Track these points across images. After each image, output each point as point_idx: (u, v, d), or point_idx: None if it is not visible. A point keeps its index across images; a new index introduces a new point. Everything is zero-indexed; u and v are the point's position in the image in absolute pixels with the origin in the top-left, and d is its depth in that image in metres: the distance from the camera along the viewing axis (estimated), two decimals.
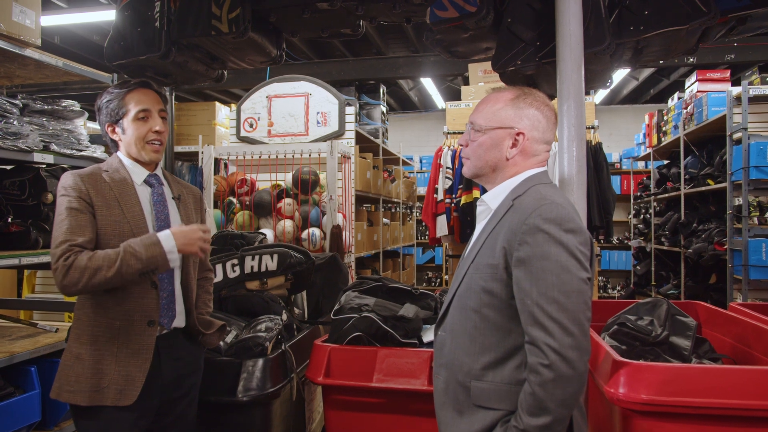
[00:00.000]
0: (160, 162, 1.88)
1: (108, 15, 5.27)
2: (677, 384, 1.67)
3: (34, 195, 3.13)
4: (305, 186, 4.04)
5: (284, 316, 2.26)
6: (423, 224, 9.44)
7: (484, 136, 1.39)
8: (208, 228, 1.74)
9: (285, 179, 4.22)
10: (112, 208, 1.70)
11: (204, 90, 9.17)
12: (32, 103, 3.11)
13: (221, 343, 2.07)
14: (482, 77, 5.23)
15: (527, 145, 1.38)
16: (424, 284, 9.77)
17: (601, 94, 9.82)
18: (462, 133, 4.73)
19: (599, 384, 1.82)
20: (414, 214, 8.83)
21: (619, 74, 8.40)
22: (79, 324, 1.72)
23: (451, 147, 4.52)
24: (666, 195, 6.04)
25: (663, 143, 6.18)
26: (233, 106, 5.28)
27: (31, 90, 4.39)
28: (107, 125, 1.80)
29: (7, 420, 2.66)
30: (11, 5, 2.83)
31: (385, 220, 6.42)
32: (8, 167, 3.26)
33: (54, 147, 3.14)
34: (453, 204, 4.35)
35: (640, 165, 8.24)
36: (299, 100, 4.79)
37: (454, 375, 1.37)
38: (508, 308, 1.30)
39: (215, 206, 4.32)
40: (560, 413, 1.20)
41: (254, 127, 4.84)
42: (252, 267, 2.41)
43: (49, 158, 3.12)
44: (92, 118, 4.49)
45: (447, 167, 4.41)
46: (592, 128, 4.31)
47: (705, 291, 5.14)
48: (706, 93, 4.97)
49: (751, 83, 4.44)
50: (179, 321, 1.80)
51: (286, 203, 4.06)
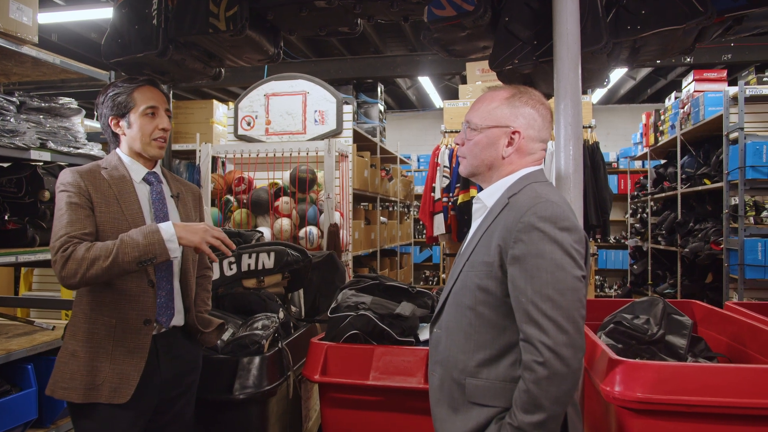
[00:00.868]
0: (160, 160, 1.88)
1: (106, 13, 5.26)
2: (673, 382, 1.68)
3: (31, 193, 3.12)
4: (303, 184, 4.05)
5: (281, 314, 2.26)
6: (420, 223, 9.45)
7: (480, 135, 1.40)
8: (221, 233, 1.72)
9: (282, 177, 4.23)
10: (111, 205, 1.70)
11: (202, 88, 9.16)
12: (29, 101, 3.11)
13: (218, 341, 2.07)
14: (480, 76, 5.24)
15: (523, 144, 1.39)
16: (422, 283, 9.78)
17: (599, 94, 9.83)
18: (460, 132, 4.76)
19: (595, 382, 1.82)
20: (411, 213, 8.83)
21: (617, 74, 8.41)
22: (76, 321, 1.71)
23: (449, 146, 4.53)
24: (663, 194, 6.06)
25: (660, 143, 6.20)
26: (231, 105, 5.28)
27: (29, 87, 4.38)
28: (111, 118, 1.79)
29: (4, 418, 2.65)
30: (8, 2, 2.83)
31: (383, 219, 6.42)
32: (5, 165, 3.26)
33: (51, 144, 3.14)
34: (450, 203, 4.36)
35: (637, 164, 8.25)
36: (297, 99, 4.79)
37: (449, 372, 1.37)
38: (503, 306, 1.30)
39: (212, 204, 4.32)
40: (554, 410, 1.21)
41: (252, 126, 4.84)
42: (249, 265, 2.41)
43: (46, 156, 3.12)
44: (89, 116, 4.48)
45: (444, 166, 4.42)
46: (590, 127, 4.32)
47: (701, 290, 5.15)
48: (703, 93, 4.98)
49: (748, 83, 4.45)
50: (178, 319, 1.80)
51: (284, 201, 4.06)
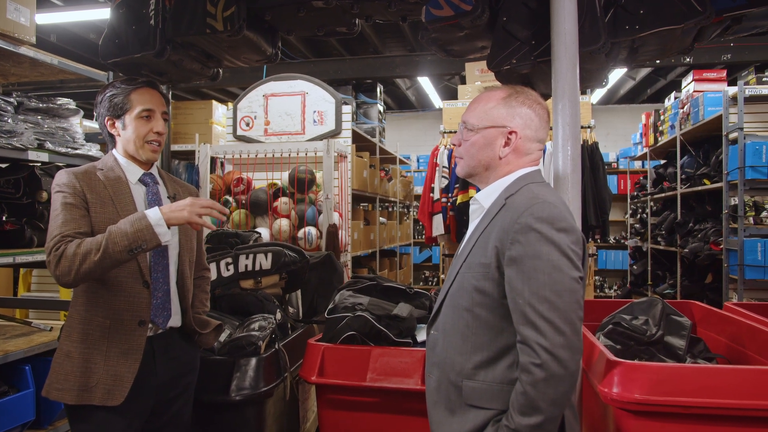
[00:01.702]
0: (156, 161, 1.87)
1: (104, 13, 5.26)
2: (671, 384, 1.67)
3: (29, 193, 3.12)
4: (302, 185, 4.04)
5: (278, 315, 2.25)
6: (420, 223, 9.45)
7: (477, 135, 1.39)
8: (212, 202, 1.67)
9: (281, 178, 4.22)
10: (106, 207, 1.69)
11: (201, 88, 9.16)
12: (27, 101, 3.10)
13: (215, 342, 2.06)
14: (479, 76, 5.23)
15: (520, 144, 1.38)
16: (421, 283, 9.77)
17: (598, 94, 9.82)
18: (456, 133, 4.76)
19: (593, 383, 1.82)
20: (411, 213, 8.82)
21: (616, 74, 8.40)
22: (71, 322, 1.71)
23: (448, 146, 4.52)
24: (662, 195, 6.05)
25: (660, 143, 6.19)
26: (230, 105, 5.28)
27: (27, 88, 4.37)
28: (107, 119, 1.78)
29: (1, 419, 2.65)
30: (6, 3, 2.82)
31: (382, 219, 6.41)
32: (2, 165, 3.25)
33: (49, 145, 3.13)
34: (449, 203, 4.35)
35: (637, 165, 8.25)
36: (296, 99, 4.79)
37: (446, 374, 1.37)
38: (500, 307, 1.30)
39: None
40: (551, 412, 1.20)
41: (251, 126, 4.83)
42: (246, 266, 2.40)
43: (44, 156, 3.11)
44: (88, 116, 4.47)
45: (443, 166, 4.41)
46: (589, 128, 4.31)
47: (701, 290, 5.14)
48: (703, 93, 4.98)
49: (747, 83, 4.44)
50: (175, 320, 1.79)
51: (283, 202, 4.05)
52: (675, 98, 5.99)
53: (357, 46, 7.78)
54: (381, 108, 6.66)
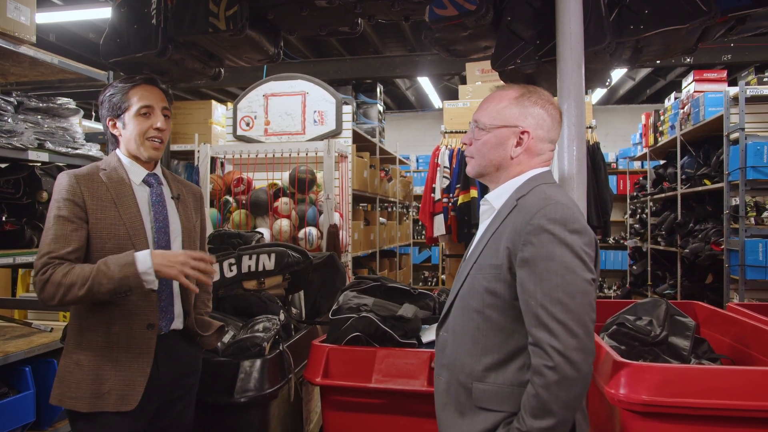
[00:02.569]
0: (159, 161, 1.86)
1: (104, 12, 5.23)
2: (678, 385, 1.67)
3: (29, 193, 3.10)
4: (302, 185, 4.03)
5: (282, 316, 2.24)
6: (420, 224, 9.44)
7: (488, 135, 1.38)
8: (203, 255, 1.62)
9: (282, 178, 4.20)
10: (108, 210, 1.66)
11: (200, 88, 9.13)
12: (27, 101, 3.08)
13: (218, 344, 2.05)
14: (480, 76, 5.23)
15: (532, 144, 1.37)
16: (421, 284, 9.76)
17: (598, 94, 9.83)
18: (459, 133, 4.75)
19: (599, 385, 1.81)
20: (410, 214, 8.81)
21: (616, 74, 8.41)
22: (76, 329, 1.68)
23: (449, 146, 4.51)
24: (662, 195, 6.05)
25: (660, 143, 6.19)
26: (229, 105, 5.26)
27: (26, 88, 4.35)
28: (108, 119, 1.76)
29: (2, 420, 2.63)
30: (6, 1, 2.80)
31: (382, 220, 6.40)
32: (2, 165, 3.23)
33: (49, 145, 3.11)
34: (450, 203, 4.34)
35: (636, 165, 8.25)
36: (296, 99, 4.77)
37: (456, 376, 1.36)
38: (512, 309, 1.29)
39: (211, 205, 4.30)
40: (564, 415, 1.19)
41: (251, 126, 4.82)
42: (249, 266, 2.38)
43: (44, 156, 3.09)
44: (87, 116, 4.44)
45: (444, 166, 4.40)
46: (590, 128, 4.30)
47: (701, 291, 5.14)
48: (703, 93, 4.97)
49: (748, 83, 4.44)
50: (177, 323, 1.78)
51: (283, 202, 4.04)
52: (675, 98, 5.98)
53: (357, 46, 7.77)
54: (381, 108, 6.65)
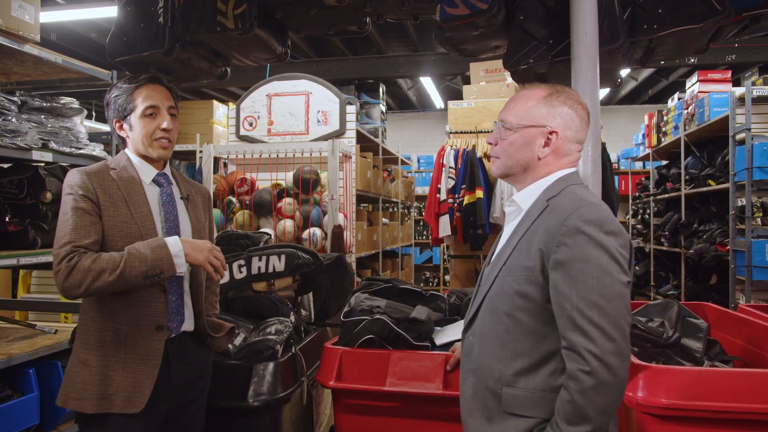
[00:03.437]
0: (168, 161, 1.83)
1: (106, 12, 5.21)
2: (698, 388, 1.64)
3: (33, 194, 3.07)
4: (306, 185, 4.00)
5: (292, 318, 2.21)
6: (421, 224, 9.43)
7: (515, 135, 1.35)
8: (219, 251, 1.68)
9: (285, 178, 4.18)
10: (120, 208, 1.64)
11: (201, 88, 9.11)
12: (30, 100, 3.05)
13: (230, 346, 2.02)
14: (484, 76, 5.21)
15: (560, 145, 1.34)
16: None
17: (600, 94, 9.82)
18: (464, 133, 4.73)
19: None
20: (412, 214, 8.79)
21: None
22: (85, 329, 1.66)
23: (454, 146, 4.49)
24: (666, 195, 6.03)
25: (663, 143, 6.18)
26: (231, 105, 5.23)
27: (27, 87, 4.31)
28: (115, 121, 1.73)
29: (5, 423, 2.60)
30: (10, 0, 2.77)
31: (385, 220, 6.38)
32: (5, 165, 3.20)
33: (53, 145, 3.09)
34: (456, 204, 4.32)
35: (638, 165, 8.25)
36: (300, 99, 4.74)
37: (484, 381, 1.33)
38: (544, 312, 1.26)
39: (215, 206, 4.27)
40: (600, 421, 1.16)
41: (254, 126, 4.79)
42: (259, 268, 2.36)
43: (48, 156, 3.06)
44: (87, 116, 4.40)
45: (450, 167, 4.38)
46: None
47: (706, 292, 5.13)
48: (708, 93, 4.96)
49: (754, 84, 4.43)
50: (188, 325, 1.75)
51: (287, 203, 4.01)
52: (679, 99, 5.98)
53: (360, 46, 7.75)
54: (383, 108, 6.64)
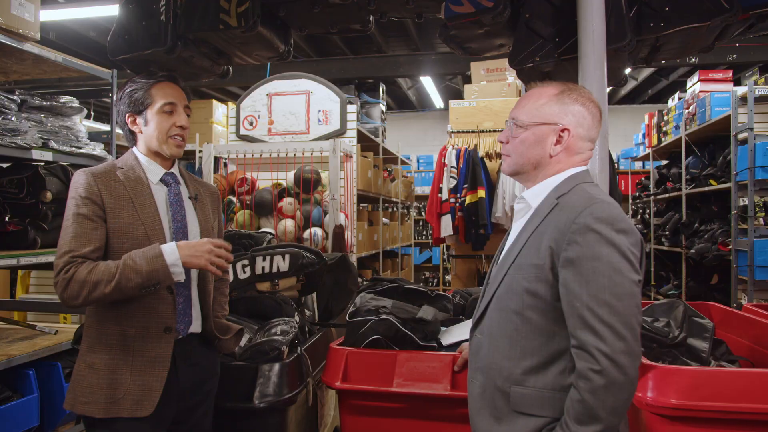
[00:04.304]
0: (177, 159, 1.81)
1: (105, 11, 5.18)
2: (708, 388, 1.63)
3: (33, 193, 3.04)
4: (307, 185, 3.98)
5: (296, 319, 2.19)
6: (420, 224, 9.42)
7: (527, 132, 1.34)
8: (222, 243, 1.62)
9: (286, 178, 4.16)
10: (126, 210, 1.62)
11: (200, 88, 9.08)
12: (30, 99, 3.03)
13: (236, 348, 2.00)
14: (484, 76, 5.20)
15: (572, 143, 1.33)
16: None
17: None
18: (466, 132, 4.72)
19: None
20: (411, 214, 8.78)
21: None
22: (91, 332, 1.63)
23: (456, 146, 4.48)
24: (667, 195, 6.03)
25: (663, 143, 6.17)
26: (230, 105, 5.21)
27: (25, 86, 4.28)
28: (128, 115, 1.71)
29: (5, 425, 2.58)
30: None
31: (385, 220, 6.37)
32: (4, 165, 3.17)
33: (53, 144, 3.06)
34: (458, 204, 4.31)
35: (637, 165, 8.24)
36: (300, 98, 4.72)
37: (492, 380, 1.31)
38: (553, 311, 1.25)
39: None
40: (611, 421, 1.15)
41: (254, 126, 4.76)
42: (263, 268, 2.34)
43: (48, 155, 3.04)
44: (87, 116, 4.38)
45: (452, 166, 4.37)
46: None
47: (707, 291, 5.13)
48: (710, 93, 4.95)
49: (756, 83, 4.42)
50: (195, 326, 1.73)
51: (288, 202, 3.99)
52: (679, 98, 5.97)
53: (360, 45, 7.73)
54: (383, 108, 6.62)
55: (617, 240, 1.19)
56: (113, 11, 5.21)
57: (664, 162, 6.57)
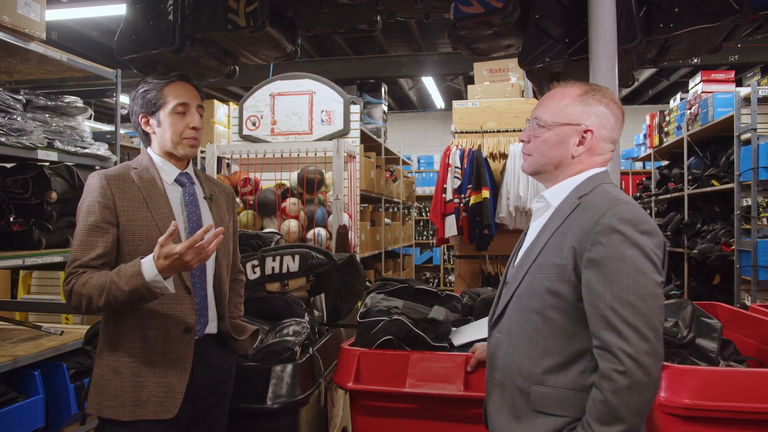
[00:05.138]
0: (191, 159, 1.80)
1: (108, 10, 5.16)
2: (722, 388, 1.64)
3: (38, 193, 3.03)
4: (311, 185, 3.97)
5: (307, 319, 2.19)
6: (421, 224, 9.42)
7: (549, 132, 1.34)
8: (196, 237, 1.46)
9: (290, 178, 4.15)
10: (139, 211, 1.61)
11: (201, 88, 9.06)
12: (35, 99, 3.02)
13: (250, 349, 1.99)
14: (488, 76, 5.21)
15: (594, 144, 1.33)
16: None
17: None
18: (470, 133, 4.72)
19: None
20: (412, 214, 8.78)
21: None
22: (112, 335, 1.62)
23: (460, 146, 4.47)
24: (669, 195, 6.04)
25: (665, 144, 6.18)
26: (232, 105, 5.19)
27: (27, 86, 4.26)
28: (141, 116, 1.70)
29: (11, 426, 2.57)
30: None
31: (387, 221, 6.37)
32: (9, 165, 3.16)
33: (58, 144, 3.06)
34: (462, 204, 4.30)
35: (638, 165, 8.25)
36: (303, 98, 4.71)
37: (512, 379, 1.32)
38: (575, 311, 1.25)
39: None
40: (634, 422, 1.15)
41: (257, 126, 4.75)
42: (273, 268, 2.33)
43: (53, 155, 3.03)
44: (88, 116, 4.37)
45: (456, 167, 4.37)
46: None
47: (709, 292, 5.14)
48: (712, 93, 4.96)
49: (759, 84, 4.43)
50: (211, 327, 1.72)
51: (291, 203, 3.98)
52: (681, 99, 5.98)
53: (362, 46, 7.72)
54: (385, 108, 6.61)
55: (641, 241, 1.19)
56: (116, 11, 5.18)
57: (665, 162, 6.58)
